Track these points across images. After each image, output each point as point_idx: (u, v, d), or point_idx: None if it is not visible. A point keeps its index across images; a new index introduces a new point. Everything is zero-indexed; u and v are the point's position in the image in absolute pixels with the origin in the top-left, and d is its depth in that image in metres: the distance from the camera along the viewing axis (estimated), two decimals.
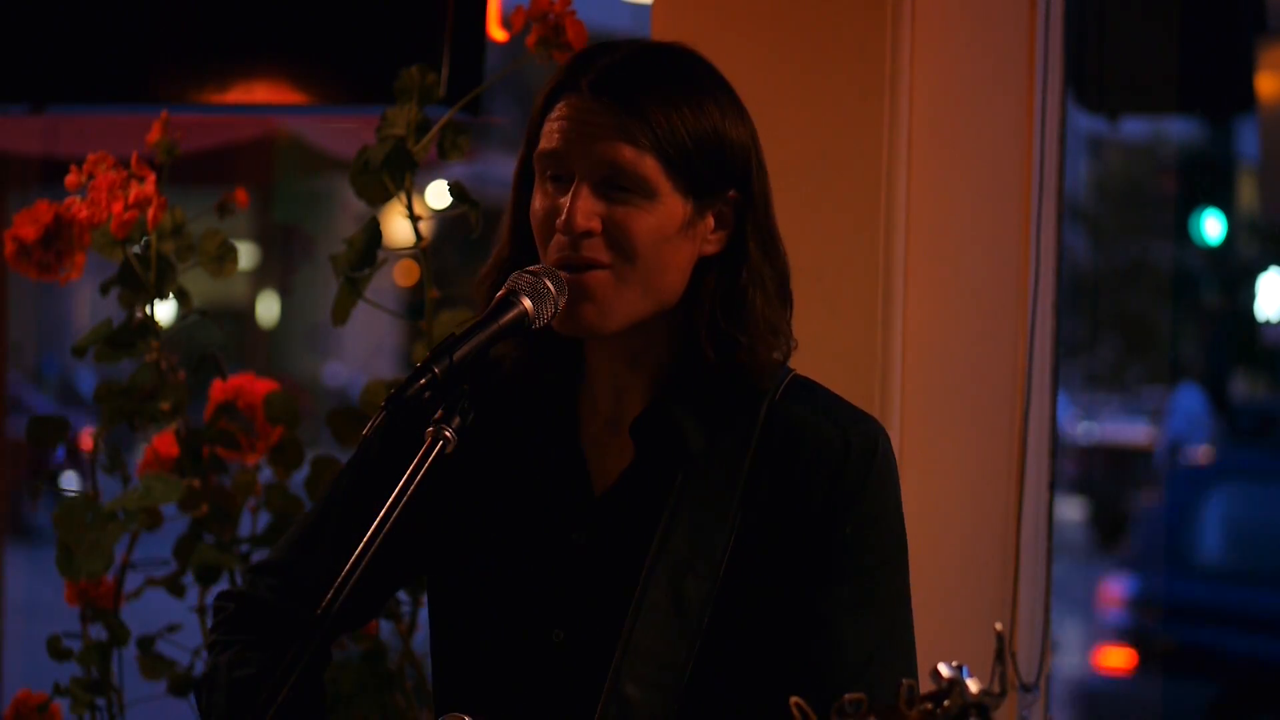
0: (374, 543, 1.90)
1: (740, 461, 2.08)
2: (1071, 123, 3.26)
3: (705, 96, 2.07)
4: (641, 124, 2.03)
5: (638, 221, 2.04)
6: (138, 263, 2.94)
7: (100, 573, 2.88)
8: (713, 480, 2.08)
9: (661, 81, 2.06)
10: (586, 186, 2.04)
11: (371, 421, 1.91)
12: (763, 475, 2.08)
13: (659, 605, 2.04)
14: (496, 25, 3.46)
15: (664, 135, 2.04)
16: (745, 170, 2.09)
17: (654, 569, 2.06)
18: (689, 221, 2.06)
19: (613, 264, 2.04)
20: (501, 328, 1.99)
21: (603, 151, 2.04)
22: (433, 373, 1.92)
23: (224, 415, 3.01)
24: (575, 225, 2.03)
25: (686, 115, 2.05)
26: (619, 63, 2.07)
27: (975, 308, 3.01)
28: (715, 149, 2.06)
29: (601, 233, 2.04)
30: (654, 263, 2.05)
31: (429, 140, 2.90)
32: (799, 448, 2.08)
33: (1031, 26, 3.00)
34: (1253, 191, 20.10)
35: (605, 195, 2.04)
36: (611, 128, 2.04)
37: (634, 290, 2.05)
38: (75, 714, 3.00)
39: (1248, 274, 21.69)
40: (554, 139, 2.06)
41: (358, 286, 2.92)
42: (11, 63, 3.60)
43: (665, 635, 2.04)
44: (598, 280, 2.04)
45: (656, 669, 2.04)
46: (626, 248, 2.04)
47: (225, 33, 3.50)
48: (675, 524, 2.06)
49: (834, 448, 2.07)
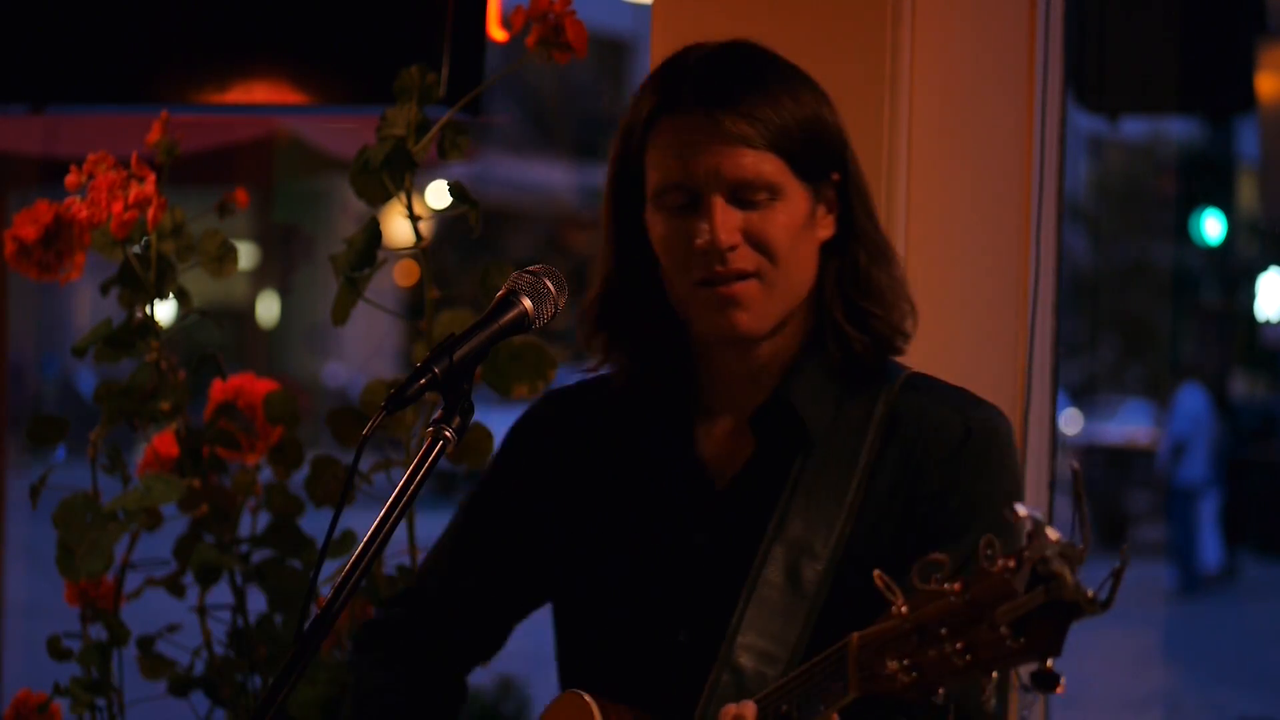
0: (374, 543, 1.90)
1: (859, 447, 2.11)
2: (1071, 123, 3.26)
3: (796, 84, 2.11)
4: (753, 125, 2.05)
5: (774, 224, 2.07)
6: (138, 263, 2.94)
7: (100, 573, 2.88)
8: (831, 466, 2.10)
9: (756, 78, 2.09)
10: (720, 201, 2.07)
11: (371, 421, 1.91)
12: (882, 460, 2.10)
13: (774, 583, 2.07)
14: (496, 25, 3.46)
15: (776, 131, 2.06)
16: (843, 150, 2.13)
17: (770, 549, 2.08)
18: (811, 210, 2.10)
19: (759, 270, 2.08)
20: (502, 328, 2.00)
21: (727, 164, 2.06)
22: (433, 373, 1.92)
23: (224, 415, 3.01)
24: (721, 242, 2.06)
25: (788, 105, 2.08)
26: (708, 71, 2.10)
27: (975, 308, 3.01)
28: (818, 134, 2.10)
29: (743, 242, 2.07)
30: (793, 260, 2.09)
31: (429, 140, 2.90)
32: (918, 432, 2.11)
33: (1031, 26, 3.00)
34: (1253, 191, 20.10)
35: (740, 205, 2.07)
36: (728, 138, 2.06)
37: (781, 290, 2.09)
38: (75, 714, 2.99)
39: (1248, 274, 21.69)
40: (673, 166, 2.08)
41: (358, 286, 2.92)
42: (11, 63, 3.60)
43: (779, 612, 2.06)
44: (749, 289, 2.08)
45: (769, 643, 2.06)
46: (770, 252, 2.07)
47: (225, 33, 3.50)
48: (792, 507, 2.09)
49: (952, 431, 2.10)
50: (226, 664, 3.00)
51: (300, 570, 3.01)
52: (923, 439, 2.10)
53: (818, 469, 2.10)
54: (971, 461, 2.08)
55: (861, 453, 2.10)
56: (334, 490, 2.94)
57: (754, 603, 2.07)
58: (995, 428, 2.11)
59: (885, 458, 2.10)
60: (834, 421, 2.12)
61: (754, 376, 2.14)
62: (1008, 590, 1.61)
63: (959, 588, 1.66)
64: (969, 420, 2.10)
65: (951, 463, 2.08)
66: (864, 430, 2.11)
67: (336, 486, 2.94)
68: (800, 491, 2.09)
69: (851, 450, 2.10)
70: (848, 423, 2.12)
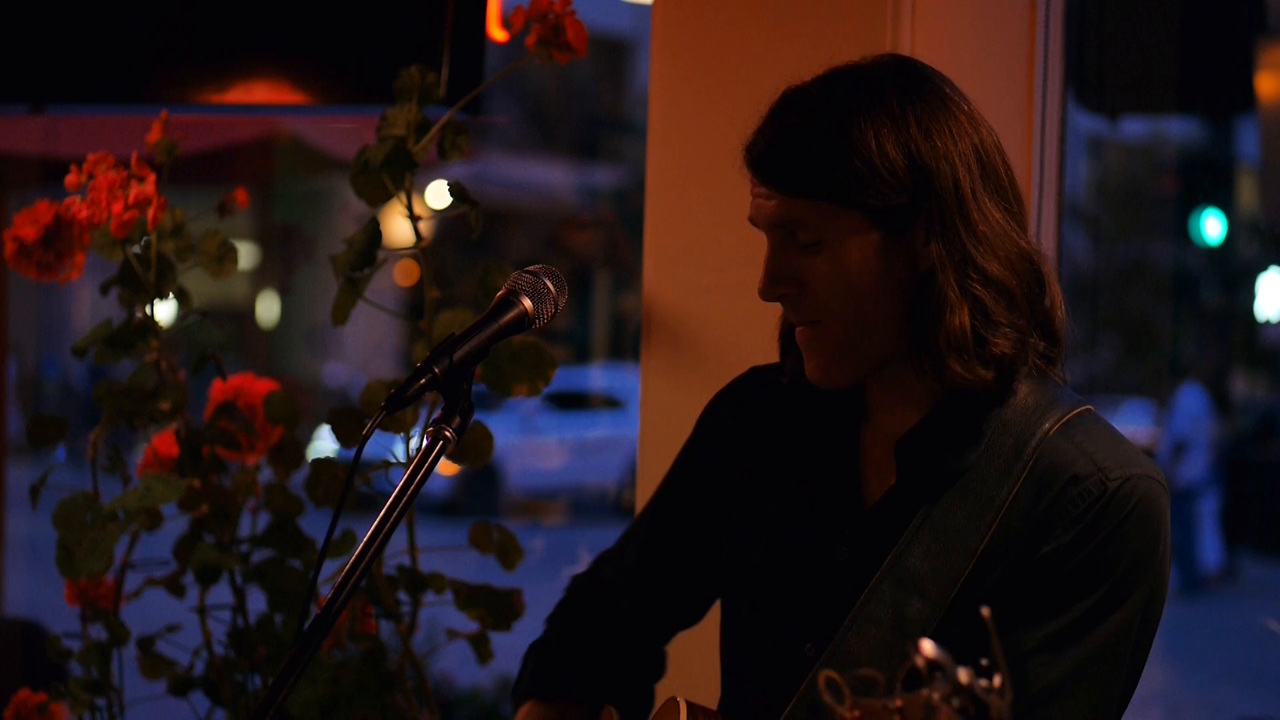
0: (374, 543, 1.90)
1: (999, 492, 2.03)
2: (1071, 123, 3.26)
3: (848, 124, 2.00)
4: (784, 172, 2.01)
5: (819, 270, 2.02)
6: (138, 263, 2.94)
7: (100, 573, 2.88)
8: (967, 507, 2.03)
9: (798, 133, 2.02)
10: (772, 245, 2.06)
11: (372, 421, 1.91)
12: (1017, 510, 2.02)
13: (877, 618, 2.03)
14: (496, 25, 3.46)
15: (809, 175, 2.00)
16: (923, 178, 2.00)
17: (881, 583, 2.04)
18: (879, 250, 2.01)
19: (820, 317, 2.04)
20: (502, 327, 1.99)
21: (767, 210, 2.04)
22: (433, 373, 1.92)
23: (224, 415, 3.01)
24: (764, 292, 2.06)
25: (828, 153, 1.99)
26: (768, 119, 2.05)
27: None
28: (871, 168, 1.98)
29: (799, 292, 2.04)
30: (854, 301, 2.02)
31: (429, 140, 2.90)
32: (1053, 486, 2.01)
33: (1031, 26, 3.00)
34: (1253, 191, 20.10)
35: (789, 252, 2.04)
36: (766, 191, 2.03)
37: (843, 336, 2.04)
38: (75, 714, 3.00)
39: (1248, 274, 21.68)
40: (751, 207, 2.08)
41: (358, 286, 2.92)
42: (11, 63, 3.60)
43: (875, 648, 2.03)
44: (812, 336, 2.06)
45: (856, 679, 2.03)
46: (824, 301, 2.03)
47: (225, 33, 3.50)
48: (915, 544, 2.04)
49: (1087, 491, 2.00)
50: (226, 664, 3.00)
51: (300, 570, 3.01)
52: (1055, 491, 2.00)
53: (952, 507, 2.03)
54: (1101, 524, 1.99)
55: (1001, 496, 2.02)
56: (334, 491, 2.94)
57: (851, 636, 2.04)
58: (1135, 490, 2.00)
59: (1019, 503, 2.02)
60: (979, 460, 2.04)
61: (899, 405, 2.09)
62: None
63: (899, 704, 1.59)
64: (1108, 479, 2.00)
65: (1080, 523, 1.99)
66: (1009, 472, 2.03)
67: (336, 487, 2.94)
68: (927, 528, 2.03)
69: (991, 492, 2.02)
70: (995, 460, 2.03)
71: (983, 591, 2.01)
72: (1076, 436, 2.04)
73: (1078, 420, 2.05)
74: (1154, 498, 2.01)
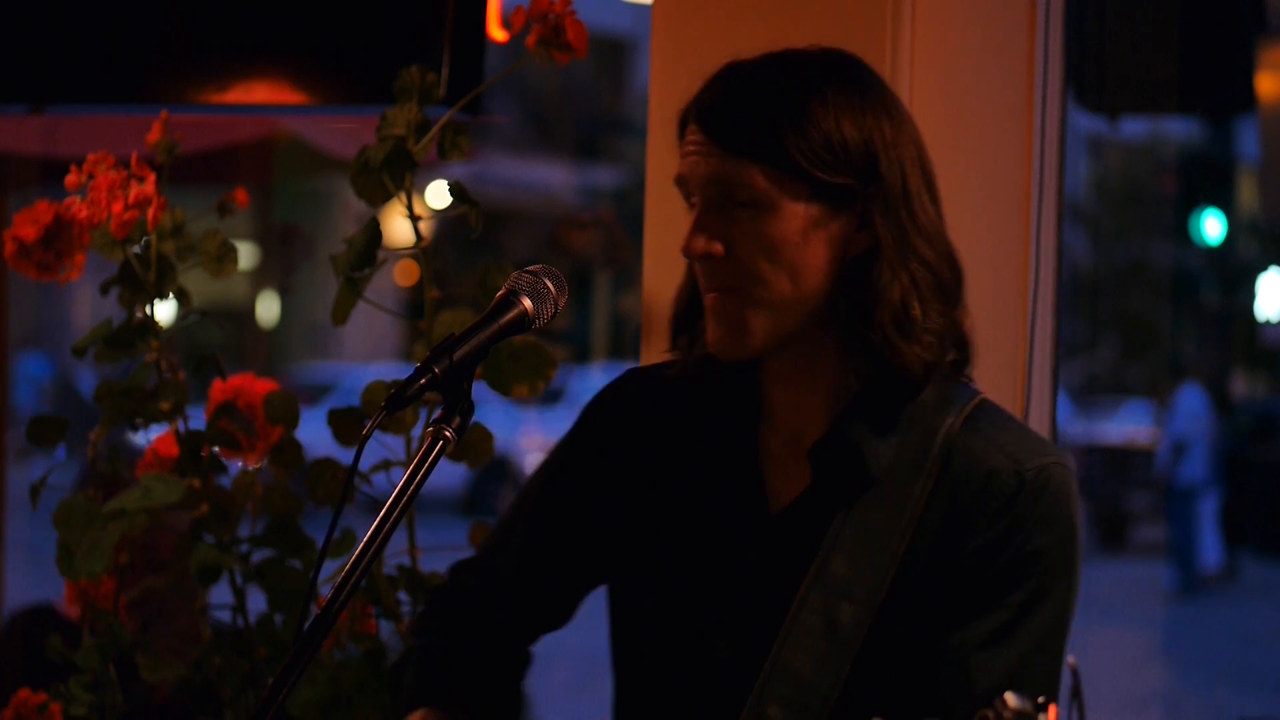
0: (374, 543, 1.90)
1: (912, 491, 2.04)
2: (1071, 123, 3.26)
3: (809, 96, 2.03)
4: (739, 134, 2.02)
5: (753, 235, 2.02)
6: (138, 263, 2.94)
7: (100, 573, 2.88)
8: (884, 508, 2.04)
9: (756, 94, 2.04)
10: (700, 208, 2.05)
11: (372, 421, 1.91)
12: (934, 508, 2.04)
13: (811, 628, 2.03)
14: (496, 25, 3.46)
15: (763, 139, 2.01)
16: (870, 163, 2.03)
17: (809, 592, 2.04)
18: (816, 224, 2.02)
19: (740, 286, 2.03)
20: (502, 328, 1.99)
21: (711, 169, 2.03)
22: (433, 373, 1.92)
23: (224, 415, 3.01)
24: (693, 248, 2.04)
25: (789, 115, 2.02)
26: (724, 78, 2.06)
27: (975, 308, 3.00)
28: (827, 146, 2.01)
29: (725, 255, 2.03)
30: (780, 274, 2.02)
31: (429, 140, 2.90)
32: (970, 482, 2.03)
33: (1031, 26, 3.00)
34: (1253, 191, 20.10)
35: (723, 214, 2.03)
36: (712, 147, 2.03)
37: (765, 307, 2.03)
38: (75, 714, 2.99)
39: (1248, 274, 21.70)
40: (681, 165, 2.07)
41: (358, 286, 2.92)
42: (11, 63, 3.60)
43: (813, 658, 2.03)
44: (720, 303, 2.04)
45: (801, 692, 2.02)
46: (749, 265, 2.02)
47: (225, 33, 3.49)
48: (837, 549, 2.04)
49: (1005, 484, 2.02)
50: (227, 664, 3.00)
51: (300, 570, 3.01)
52: (973, 487, 2.02)
53: (869, 509, 2.04)
54: (1023, 516, 2.01)
55: (915, 495, 2.03)
56: (334, 490, 2.94)
57: (787, 650, 2.03)
58: (1050, 479, 2.03)
59: (935, 501, 2.03)
60: (896, 457, 2.05)
61: (801, 396, 2.10)
62: None
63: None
64: (1023, 470, 2.02)
65: (1002, 516, 2.01)
66: (919, 469, 2.04)
67: (336, 487, 2.94)
68: (848, 531, 2.03)
69: (905, 492, 2.04)
70: (905, 460, 2.04)
71: (911, 593, 2.02)
72: (983, 429, 2.07)
73: (979, 412, 2.08)
74: (1067, 483, 2.05)
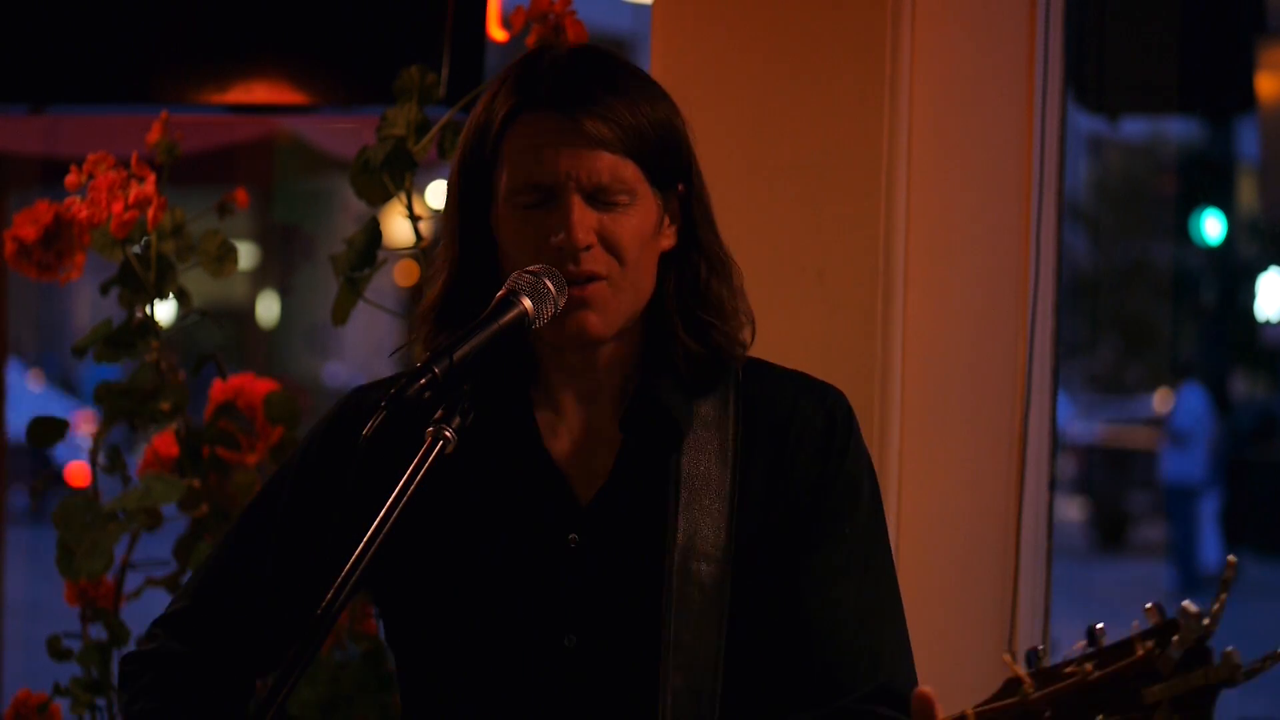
0: (374, 543, 1.89)
1: (725, 440, 2.11)
2: (1071, 123, 3.26)
3: (651, 91, 2.10)
4: (612, 128, 2.04)
5: (627, 228, 2.06)
6: (138, 263, 2.94)
7: (100, 573, 2.88)
8: (703, 468, 2.10)
9: (614, 81, 2.07)
10: (578, 200, 2.04)
11: (371, 421, 1.90)
12: (751, 451, 2.11)
13: (687, 597, 2.06)
14: (496, 25, 3.46)
15: (634, 135, 2.05)
16: (691, 161, 2.13)
17: (671, 561, 2.06)
18: (659, 219, 2.10)
19: (609, 274, 2.06)
20: (502, 327, 1.98)
21: (586, 165, 2.04)
22: (432, 373, 1.92)
23: (224, 415, 3.01)
24: (578, 241, 2.03)
25: (645, 110, 2.07)
26: (568, 71, 2.07)
27: (975, 308, 3.01)
28: (671, 142, 2.09)
29: (597, 244, 2.05)
30: (640, 266, 2.08)
31: (429, 140, 2.90)
32: (785, 427, 2.12)
33: (1031, 26, 3.00)
34: (1253, 191, 20.10)
35: (595, 207, 2.05)
36: (588, 139, 2.04)
37: (627, 295, 2.08)
38: (75, 714, 3.00)
39: (1248, 274, 21.68)
40: (530, 164, 2.05)
41: (358, 286, 2.92)
42: (11, 63, 3.60)
43: (699, 625, 2.06)
44: (599, 291, 2.05)
45: (693, 657, 2.05)
46: (620, 255, 2.06)
47: (225, 33, 3.50)
48: (678, 510, 2.07)
49: (818, 422, 2.12)
50: None
51: None
52: (791, 427, 2.11)
53: (692, 465, 2.10)
54: (840, 446, 2.11)
55: (729, 445, 2.11)
56: None
57: (675, 620, 2.05)
58: (848, 408, 2.15)
59: (754, 447, 2.11)
60: (697, 422, 2.12)
61: (598, 381, 2.12)
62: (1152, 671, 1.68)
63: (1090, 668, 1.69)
64: (829, 406, 2.13)
65: (826, 451, 2.10)
66: (724, 423, 2.12)
67: None
68: (683, 490, 2.08)
69: (719, 444, 2.11)
70: (706, 420, 2.12)
71: (760, 541, 2.08)
72: (765, 377, 2.16)
73: (752, 365, 2.16)
74: (850, 407, 2.16)
